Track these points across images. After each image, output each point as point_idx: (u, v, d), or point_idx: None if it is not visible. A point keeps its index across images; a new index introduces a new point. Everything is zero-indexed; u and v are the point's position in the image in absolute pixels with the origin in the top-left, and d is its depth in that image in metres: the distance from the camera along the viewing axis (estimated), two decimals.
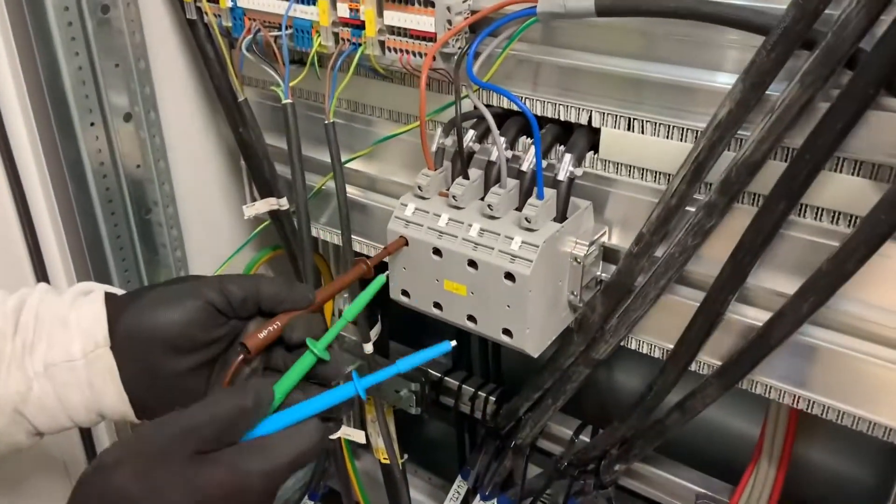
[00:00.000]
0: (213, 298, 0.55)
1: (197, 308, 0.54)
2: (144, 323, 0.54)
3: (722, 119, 0.57)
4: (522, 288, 0.64)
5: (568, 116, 0.70)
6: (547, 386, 0.87)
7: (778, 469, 0.82)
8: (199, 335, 0.55)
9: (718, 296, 0.65)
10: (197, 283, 0.56)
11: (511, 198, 0.68)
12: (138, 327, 0.54)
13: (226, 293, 0.56)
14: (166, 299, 0.55)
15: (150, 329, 0.54)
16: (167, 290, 0.55)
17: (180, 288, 0.55)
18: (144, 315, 0.54)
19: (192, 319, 0.54)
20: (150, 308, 0.54)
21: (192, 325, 0.54)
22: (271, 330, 0.56)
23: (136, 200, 0.92)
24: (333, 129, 0.77)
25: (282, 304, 0.57)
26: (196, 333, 0.55)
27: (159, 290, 0.56)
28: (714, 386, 0.71)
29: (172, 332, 0.54)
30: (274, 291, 0.57)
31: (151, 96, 0.89)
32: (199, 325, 0.55)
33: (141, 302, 0.55)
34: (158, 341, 0.54)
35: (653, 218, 0.65)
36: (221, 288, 0.56)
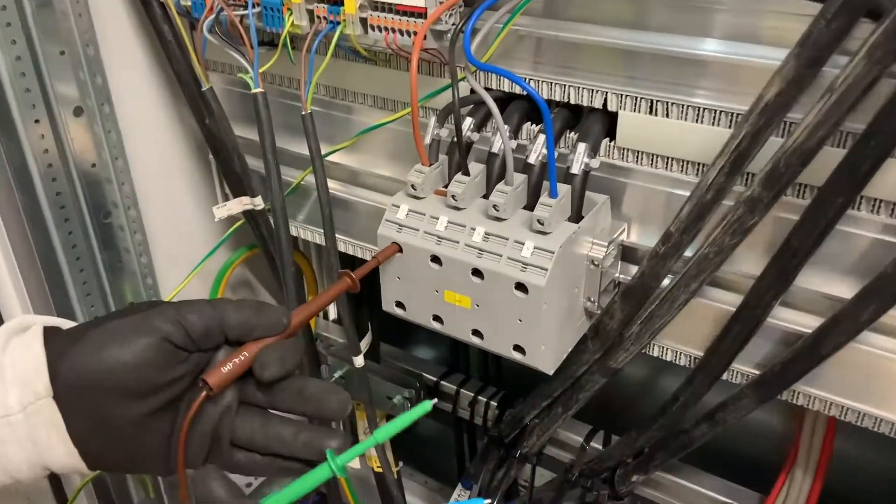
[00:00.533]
0: (170, 333, 0.46)
1: (151, 346, 0.46)
2: (90, 367, 0.45)
3: (770, 101, 0.49)
4: (536, 300, 0.56)
5: (579, 99, 0.61)
6: (557, 394, 0.79)
7: (814, 479, 0.74)
8: (155, 377, 0.46)
9: (759, 300, 0.57)
10: (150, 314, 0.47)
11: (518, 195, 0.60)
12: (83, 373, 0.46)
13: (184, 325, 0.47)
14: (114, 337, 0.46)
15: (97, 374, 0.45)
16: (114, 326, 0.47)
17: (130, 322, 0.47)
18: (90, 358, 0.46)
19: (145, 360, 0.46)
20: (96, 349, 0.46)
21: (146, 367, 0.46)
22: (237, 362, 0.48)
23: (93, 203, 0.82)
24: (312, 121, 0.67)
25: (252, 332, 0.49)
26: (152, 375, 0.46)
27: (106, 326, 0.47)
28: (750, 398, 0.63)
29: (124, 376, 0.45)
30: (241, 318, 0.48)
31: (104, 87, 0.79)
32: (155, 366, 0.46)
33: (85, 342, 0.46)
34: (108, 388, 0.46)
35: (683, 214, 0.56)
36: (179, 319, 0.47)
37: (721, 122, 0.55)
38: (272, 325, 0.49)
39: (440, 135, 0.64)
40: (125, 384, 0.46)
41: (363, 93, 0.75)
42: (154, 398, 0.47)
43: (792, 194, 0.55)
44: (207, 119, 0.79)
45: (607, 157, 0.62)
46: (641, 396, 1.08)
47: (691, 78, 0.55)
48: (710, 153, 0.56)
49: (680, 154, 0.59)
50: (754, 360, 0.63)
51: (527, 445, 0.91)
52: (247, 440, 0.51)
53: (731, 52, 0.53)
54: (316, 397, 0.49)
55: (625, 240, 0.64)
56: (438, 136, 0.64)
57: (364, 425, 1.05)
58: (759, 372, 0.63)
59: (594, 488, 0.89)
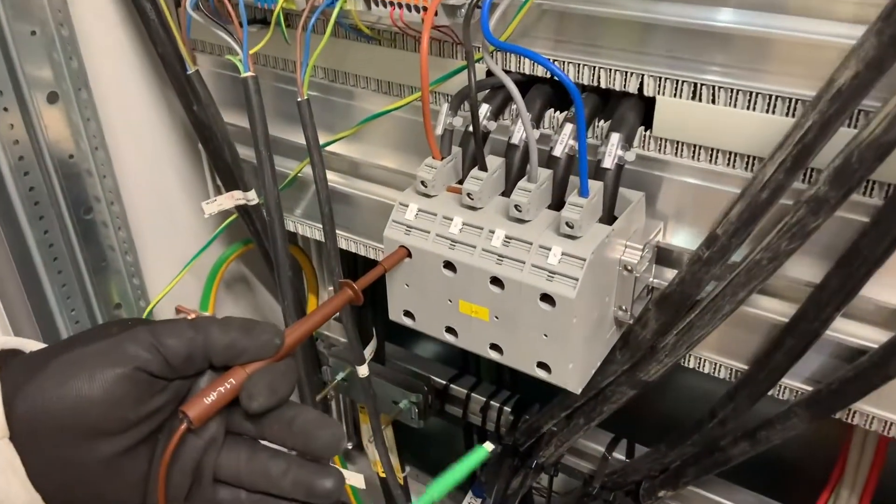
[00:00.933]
0: (145, 361, 0.40)
1: (122, 378, 0.39)
2: (51, 405, 0.39)
3: (843, 85, 0.42)
4: (565, 313, 0.49)
5: (611, 83, 0.54)
6: (579, 404, 0.73)
7: (861, 499, 0.68)
8: (128, 413, 0.40)
9: (818, 311, 0.50)
10: (121, 339, 0.40)
11: (543, 193, 0.53)
12: (43, 411, 0.39)
13: (162, 351, 0.40)
14: (79, 369, 0.39)
15: (59, 413, 0.39)
16: (79, 355, 0.40)
17: (98, 350, 0.40)
18: (50, 393, 0.39)
19: (116, 395, 0.39)
20: (57, 383, 0.39)
21: (117, 403, 0.39)
22: (222, 392, 0.41)
23: (73, 198, 0.76)
24: (308, 108, 0.60)
25: (239, 357, 0.42)
26: (124, 411, 0.40)
27: (69, 355, 0.40)
28: (800, 417, 0.57)
29: (91, 414, 0.39)
30: (228, 341, 0.42)
31: (80, 70, 0.72)
32: (128, 401, 0.40)
33: (45, 374, 0.39)
34: (73, 427, 0.39)
35: (733, 216, 0.49)
36: (155, 344, 0.40)
37: (777, 110, 0.48)
38: (262, 347, 0.43)
39: (453, 124, 0.57)
40: (93, 423, 0.39)
41: (366, 76, 0.68)
42: (127, 435, 0.41)
43: (866, 195, 0.48)
44: (195, 105, 0.72)
45: (642, 149, 0.55)
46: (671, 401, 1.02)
47: (743, 58, 0.48)
48: (763, 145, 0.49)
49: (726, 145, 0.52)
50: (805, 375, 0.57)
51: (543, 455, 0.84)
52: (232, 476, 0.45)
53: (793, 29, 0.46)
54: (304, 432, 0.43)
55: (660, 241, 0.57)
56: (451, 126, 0.57)
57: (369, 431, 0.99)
58: (811, 388, 0.56)
59: (617, 502, 0.83)
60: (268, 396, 0.42)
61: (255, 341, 0.43)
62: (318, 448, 0.43)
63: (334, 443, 0.43)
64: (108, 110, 0.76)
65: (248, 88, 0.60)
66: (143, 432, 0.41)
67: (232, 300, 1.02)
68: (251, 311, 1.06)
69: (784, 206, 0.48)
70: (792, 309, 0.53)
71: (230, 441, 0.45)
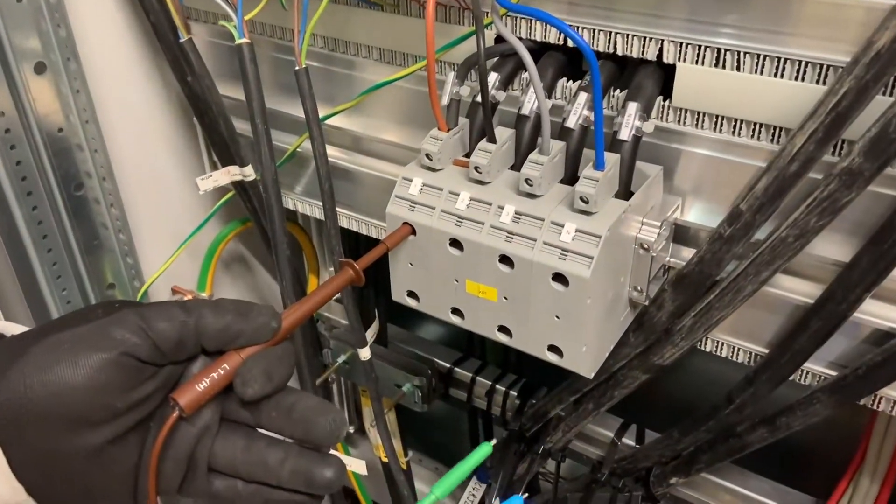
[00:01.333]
0: (133, 346, 0.37)
1: (108, 364, 0.37)
2: (32, 393, 0.36)
3: (883, 48, 0.39)
4: (579, 294, 0.46)
5: (628, 49, 0.51)
6: (588, 389, 0.70)
7: (882, 486, 0.65)
8: (115, 401, 0.37)
9: (847, 292, 0.48)
10: (106, 323, 0.38)
11: (556, 167, 0.50)
12: (25, 399, 0.36)
13: (151, 335, 0.38)
14: (61, 354, 0.37)
15: (41, 401, 0.36)
16: (62, 340, 0.37)
17: (82, 334, 0.37)
18: (31, 381, 0.36)
19: (102, 382, 0.36)
20: (38, 370, 0.36)
21: (103, 390, 0.37)
22: (215, 378, 0.39)
23: (63, 174, 0.73)
24: (307, 78, 0.57)
25: (234, 341, 0.40)
26: (111, 399, 0.37)
27: (51, 339, 0.37)
28: (823, 403, 0.54)
29: (75, 402, 0.36)
30: (221, 325, 0.39)
31: (69, 39, 0.69)
32: (115, 388, 0.37)
33: (25, 360, 0.37)
34: (56, 417, 0.37)
35: (758, 190, 0.46)
36: (144, 328, 0.38)
37: (807, 77, 0.45)
38: (258, 330, 0.40)
39: (460, 94, 0.53)
40: (78, 411, 0.37)
41: (367, 44, 0.64)
42: (114, 424, 0.38)
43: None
44: (189, 77, 0.69)
45: (661, 120, 0.52)
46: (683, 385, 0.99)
47: (771, 20, 0.45)
48: (791, 115, 0.46)
49: (751, 115, 0.49)
50: (830, 359, 0.54)
51: (550, 441, 0.82)
52: (228, 465, 0.42)
53: None
54: (304, 419, 0.40)
55: (678, 218, 0.55)
56: (458, 96, 0.54)
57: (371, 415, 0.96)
58: (835, 373, 0.53)
59: (626, 489, 0.80)
60: (263, 383, 0.39)
61: (250, 325, 0.40)
62: (319, 436, 0.41)
63: (335, 430, 0.41)
64: (99, 82, 0.73)
65: (244, 56, 0.57)
66: (132, 420, 0.39)
67: (230, 280, 1.00)
68: (250, 292, 1.03)
69: (812, 181, 0.45)
70: (818, 289, 0.50)
71: (226, 429, 0.42)
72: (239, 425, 0.43)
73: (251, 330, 0.40)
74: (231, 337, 0.40)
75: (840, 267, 0.48)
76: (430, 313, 0.55)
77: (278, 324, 0.41)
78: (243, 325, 0.40)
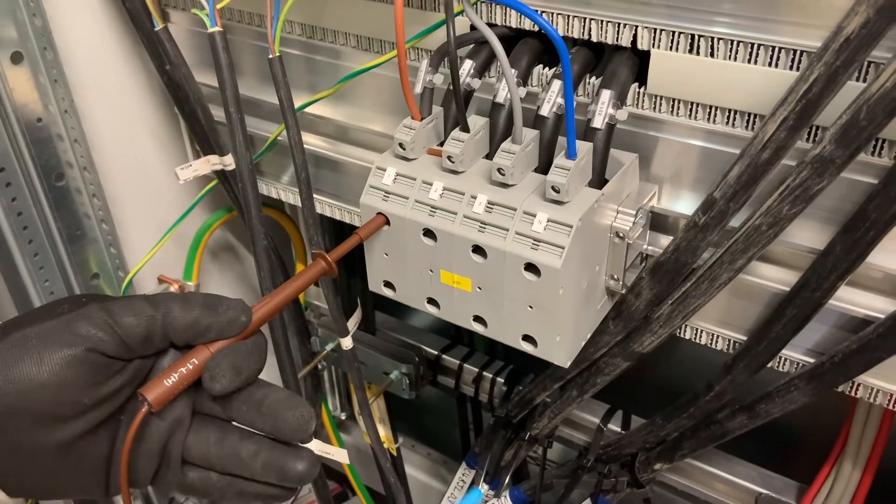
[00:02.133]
0: (99, 341, 0.37)
1: (74, 360, 0.37)
2: (1, 391, 0.36)
3: (852, 34, 0.38)
4: (551, 284, 0.46)
5: (602, 35, 0.50)
6: (571, 376, 0.70)
7: (864, 472, 0.65)
8: (82, 396, 0.38)
9: (822, 279, 0.47)
10: (72, 318, 0.38)
11: (529, 156, 0.49)
12: None
13: (118, 330, 0.38)
14: (26, 351, 0.37)
15: (6, 398, 0.36)
16: (27, 336, 0.37)
17: (47, 330, 0.37)
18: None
19: (68, 378, 0.37)
20: (4, 366, 0.37)
21: (69, 386, 0.37)
22: (183, 373, 0.39)
23: (42, 164, 0.72)
24: (281, 66, 0.56)
25: (203, 335, 0.40)
26: (78, 395, 0.37)
27: (15, 336, 0.37)
28: (801, 390, 0.54)
29: (41, 399, 0.37)
30: (190, 319, 0.39)
31: (44, 28, 0.68)
32: (82, 384, 0.37)
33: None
34: (23, 413, 0.37)
35: (731, 178, 0.46)
36: (110, 322, 0.38)
37: (780, 63, 0.45)
38: (227, 325, 0.40)
39: (433, 81, 0.53)
40: (44, 408, 0.37)
41: (345, 32, 0.64)
42: (83, 419, 0.38)
43: (868, 152, 0.44)
44: (168, 65, 0.68)
45: (636, 107, 0.51)
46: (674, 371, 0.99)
47: (745, 6, 0.44)
48: (765, 101, 0.45)
49: (726, 102, 0.48)
50: (807, 347, 0.54)
51: (537, 427, 0.82)
52: (201, 458, 0.42)
53: None
54: (273, 413, 0.40)
55: (655, 206, 0.54)
56: (431, 84, 0.53)
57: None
58: (813, 360, 0.53)
59: (612, 475, 0.80)
60: (232, 377, 0.39)
61: (219, 319, 0.40)
62: (287, 430, 0.41)
63: (303, 424, 0.41)
64: (77, 71, 0.72)
65: (216, 45, 0.56)
66: (101, 415, 0.39)
67: (218, 269, 0.99)
68: (238, 280, 1.03)
69: (787, 168, 0.45)
70: (794, 277, 0.50)
71: (199, 422, 0.42)
72: (212, 418, 0.43)
73: (220, 324, 0.40)
74: (200, 331, 0.40)
75: (815, 254, 0.47)
76: (406, 303, 0.55)
77: (248, 318, 0.41)
78: (212, 320, 0.40)
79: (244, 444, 0.42)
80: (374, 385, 0.94)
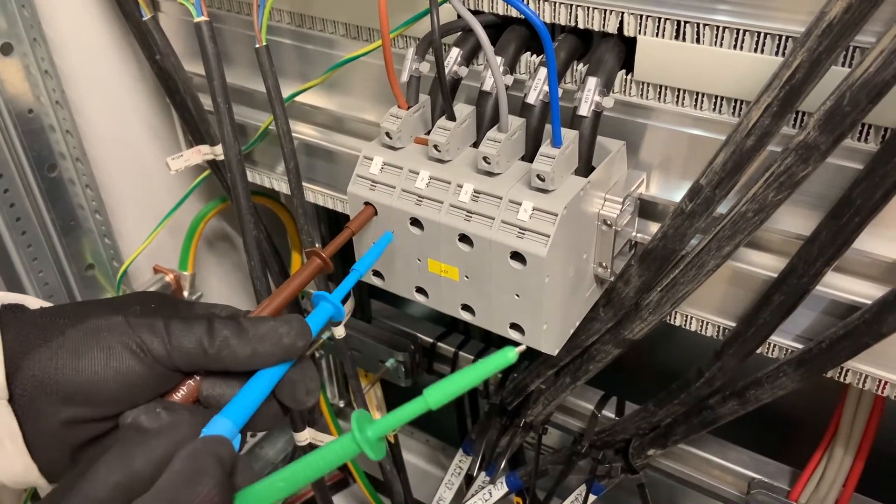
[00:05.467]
0: (159, 357, 0.37)
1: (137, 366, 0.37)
2: (61, 375, 0.36)
3: (835, 19, 0.38)
4: (536, 272, 0.46)
5: (589, 22, 0.50)
6: (564, 364, 0.71)
7: (855, 457, 0.66)
8: (138, 398, 0.38)
9: (808, 266, 0.47)
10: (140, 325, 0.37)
11: (515, 144, 0.49)
12: (52, 380, 0.36)
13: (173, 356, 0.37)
14: (97, 343, 0.37)
15: (68, 385, 0.36)
16: (101, 328, 0.37)
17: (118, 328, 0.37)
18: (63, 363, 0.36)
19: (130, 381, 0.37)
20: (74, 356, 0.37)
21: (130, 389, 0.37)
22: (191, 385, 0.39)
23: (35, 155, 0.72)
24: (268, 55, 0.56)
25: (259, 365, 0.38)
26: (135, 399, 0.37)
27: (89, 324, 0.37)
28: (789, 376, 0.54)
29: (101, 395, 0.37)
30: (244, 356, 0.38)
31: (34, 19, 0.68)
32: (141, 390, 0.37)
33: (60, 342, 0.37)
34: (80, 404, 0.37)
35: (717, 165, 0.46)
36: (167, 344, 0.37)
37: (766, 49, 0.44)
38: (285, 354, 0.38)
39: (419, 70, 0.53)
40: (100, 404, 0.37)
41: (334, 20, 0.64)
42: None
43: (853, 138, 0.44)
44: (158, 55, 0.68)
45: (623, 94, 0.51)
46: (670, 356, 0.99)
47: None
48: (751, 87, 0.45)
49: (712, 89, 0.48)
50: (795, 333, 0.54)
51: (531, 414, 0.82)
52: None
53: None
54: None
55: (643, 193, 0.54)
56: (418, 72, 0.53)
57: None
58: (801, 346, 0.53)
59: (606, 460, 0.81)
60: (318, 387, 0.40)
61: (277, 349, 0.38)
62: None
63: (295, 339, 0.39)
64: (68, 62, 0.72)
65: (202, 34, 0.56)
66: None
67: (214, 259, 1.00)
68: (234, 270, 1.03)
69: (772, 154, 0.45)
70: (781, 263, 0.49)
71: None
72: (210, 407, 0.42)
73: (278, 355, 0.38)
74: (258, 364, 0.38)
75: (802, 241, 0.47)
76: (395, 292, 0.55)
77: (306, 342, 0.39)
78: (271, 350, 0.38)
79: None
80: (370, 373, 0.95)
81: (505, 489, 0.89)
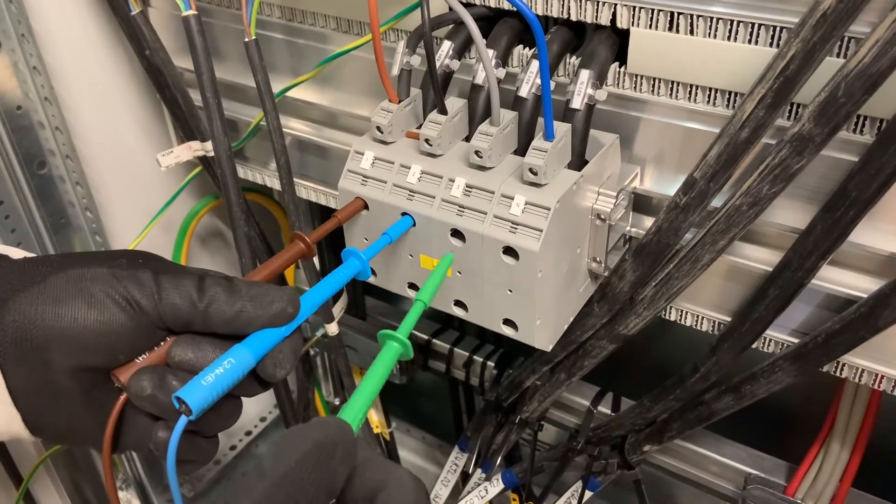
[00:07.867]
0: (145, 308, 0.37)
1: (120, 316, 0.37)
2: (42, 321, 0.36)
3: (829, 9, 0.37)
4: (529, 267, 0.45)
5: (581, 14, 0.49)
6: (559, 360, 0.70)
7: (852, 452, 0.65)
8: (119, 353, 0.37)
9: (803, 259, 0.47)
10: (126, 276, 0.37)
11: (507, 138, 0.49)
12: (33, 326, 0.36)
13: (160, 308, 0.37)
14: (79, 291, 0.36)
15: (48, 331, 0.36)
16: (84, 276, 0.37)
17: (102, 278, 0.37)
18: (44, 309, 0.36)
19: (112, 330, 0.37)
20: (55, 303, 0.36)
21: (111, 338, 0.37)
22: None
23: (24, 152, 0.72)
24: (258, 49, 0.56)
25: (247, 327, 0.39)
26: (117, 350, 0.37)
27: (73, 272, 0.37)
28: (785, 371, 0.54)
29: (82, 342, 0.36)
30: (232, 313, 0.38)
31: (20, 14, 0.67)
32: (124, 339, 0.37)
33: (42, 288, 0.37)
34: (61, 352, 0.37)
35: (710, 158, 0.45)
36: (156, 297, 0.37)
37: (760, 40, 0.44)
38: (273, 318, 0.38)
39: (410, 63, 0.52)
40: (82, 351, 0.37)
41: (324, 14, 0.63)
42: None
43: (849, 129, 0.43)
44: (147, 50, 0.68)
45: (616, 87, 0.51)
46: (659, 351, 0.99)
47: None
48: (746, 79, 0.45)
49: (706, 81, 0.47)
50: (791, 327, 0.53)
51: (527, 410, 0.82)
52: None
53: None
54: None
55: (637, 187, 0.54)
56: (409, 66, 0.52)
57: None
58: (797, 341, 0.53)
59: (602, 457, 0.80)
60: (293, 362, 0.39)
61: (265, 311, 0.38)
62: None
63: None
64: (57, 58, 0.71)
65: (191, 28, 0.56)
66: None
67: (207, 256, 0.99)
68: (227, 267, 1.02)
69: (767, 147, 0.44)
70: (776, 257, 0.49)
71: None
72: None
73: (266, 317, 0.38)
74: (242, 324, 0.38)
75: (797, 234, 0.47)
76: (387, 288, 0.54)
77: (295, 308, 0.39)
78: (259, 312, 0.38)
79: None
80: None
81: (501, 486, 0.89)
